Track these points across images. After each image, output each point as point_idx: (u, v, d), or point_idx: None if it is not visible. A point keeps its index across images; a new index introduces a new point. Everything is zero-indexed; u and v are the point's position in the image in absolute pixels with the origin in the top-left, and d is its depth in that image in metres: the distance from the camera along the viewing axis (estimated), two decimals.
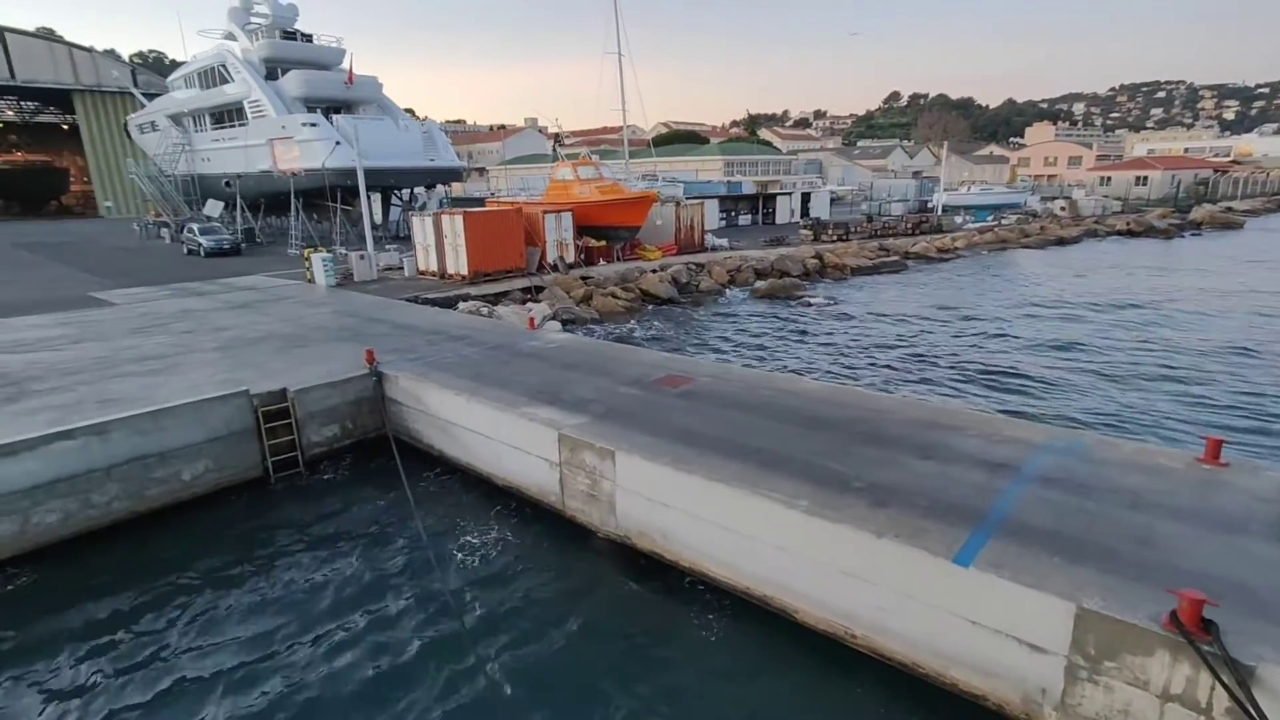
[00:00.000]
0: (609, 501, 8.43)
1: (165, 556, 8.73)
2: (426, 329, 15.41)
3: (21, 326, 16.40)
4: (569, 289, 22.76)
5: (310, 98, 38.19)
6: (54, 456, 8.75)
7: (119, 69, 69.47)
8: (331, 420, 11.38)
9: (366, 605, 7.65)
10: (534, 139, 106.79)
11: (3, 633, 7.26)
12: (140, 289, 22.81)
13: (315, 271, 22.51)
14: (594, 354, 13.08)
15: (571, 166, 29.23)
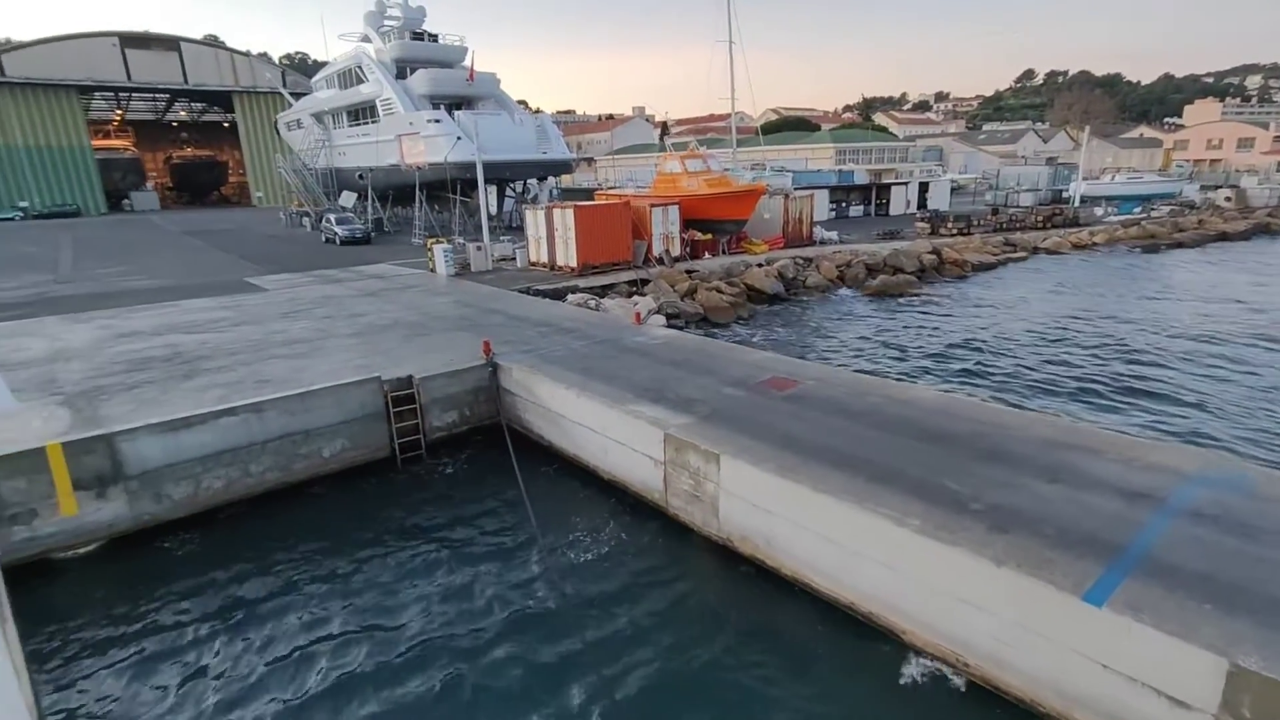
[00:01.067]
0: (712, 503, 8.51)
1: (309, 523, 9.72)
2: (537, 321, 16.04)
3: (193, 309, 18.56)
4: (674, 283, 22.88)
5: (435, 95, 40.35)
6: (221, 430, 9.92)
7: (271, 71, 76.27)
8: (451, 407, 12.14)
9: (477, 578, 8.18)
10: (641, 128, 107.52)
11: (182, 583, 8.36)
12: (286, 275, 25.13)
13: (436, 261, 23.91)
14: (698, 352, 13.14)
15: (679, 159, 29.24)
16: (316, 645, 7.18)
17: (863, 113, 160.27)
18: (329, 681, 6.64)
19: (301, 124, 53.24)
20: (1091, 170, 55.66)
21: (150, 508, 9.50)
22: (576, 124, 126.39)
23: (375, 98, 41.56)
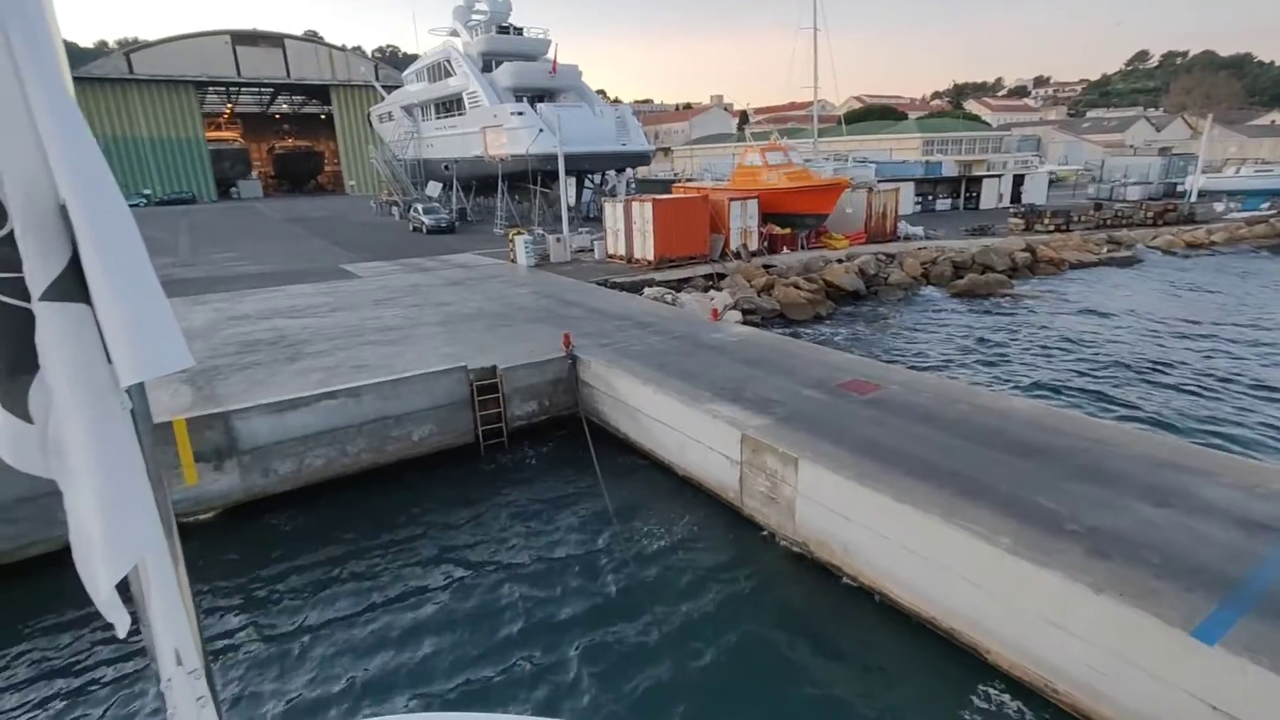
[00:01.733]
0: (788, 507, 8.47)
1: (399, 502, 10.29)
2: (615, 314, 16.26)
3: (296, 294, 19.82)
4: (750, 278, 22.66)
5: (518, 88, 41.24)
6: (323, 412, 10.61)
7: (365, 65, 79.87)
8: (531, 397, 12.52)
9: (555, 561, 8.48)
10: (720, 118, 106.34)
11: (290, 548, 9.04)
12: (378, 263, 26.42)
13: (517, 252, 24.57)
14: (776, 350, 13.02)
15: (760, 152, 28.83)
16: (409, 612, 7.64)
17: (953, 100, 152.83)
18: (419, 649, 7.06)
19: (392, 116, 55.56)
20: (1212, 161, 51.14)
21: (259, 481, 10.28)
22: (654, 114, 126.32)
23: (462, 91, 42.87)
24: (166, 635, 1.29)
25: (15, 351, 1.09)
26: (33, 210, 1.03)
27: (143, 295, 1.09)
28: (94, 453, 1.10)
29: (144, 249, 1.10)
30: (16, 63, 0.99)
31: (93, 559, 1.13)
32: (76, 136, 1.03)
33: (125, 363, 1.08)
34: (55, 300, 1.06)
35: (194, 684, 1.32)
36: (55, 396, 1.10)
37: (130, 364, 1.08)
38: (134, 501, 1.14)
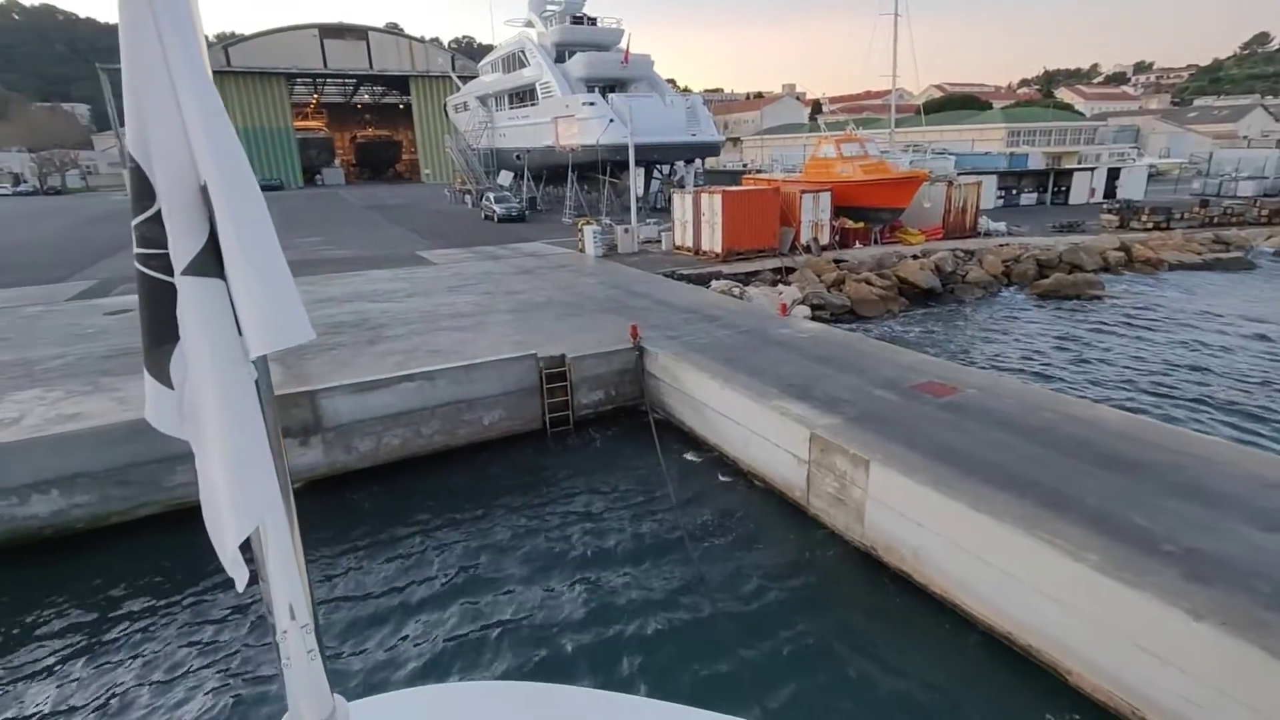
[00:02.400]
0: (857, 509, 8.31)
1: (470, 483, 10.64)
2: (682, 307, 16.24)
3: (376, 279, 20.67)
4: (820, 272, 22.20)
5: (590, 78, 41.53)
6: (400, 394, 11.06)
7: (443, 56, 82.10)
8: (598, 387, 12.68)
9: (619, 547, 8.60)
10: (791, 108, 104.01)
11: (371, 520, 9.50)
12: (451, 250, 27.21)
13: (586, 242, 24.82)
14: (847, 348, 12.73)
15: (835, 143, 28.08)
16: (478, 588, 7.93)
17: (1042, 88, 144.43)
18: (486, 622, 7.32)
19: (467, 106, 56.92)
20: None
21: (341, 457, 10.82)
22: (723, 103, 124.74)
23: (535, 81, 43.48)
24: (282, 591, 1.38)
25: (160, 322, 1.17)
26: (177, 191, 1.11)
27: (272, 272, 1.15)
28: (224, 419, 1.17)
29: (273, 229, 1.17)
30: (167, 54, 1.07)
31: (221, 518, 1.20)
32: (217, 122, 1.10)
33: (254, 335, 1.15)
34: (194, 275, 1.13)
35: (305, 637, 1.41)
36: (191, 365, 1.18)
37: (259, 337, 1.15)
38: (258, 466, 1.21)
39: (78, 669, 7.01)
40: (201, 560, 8.62)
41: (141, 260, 1.16)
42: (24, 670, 7.01)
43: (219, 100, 1.11)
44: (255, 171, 1.17)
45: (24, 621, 7.74)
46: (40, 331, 15.38)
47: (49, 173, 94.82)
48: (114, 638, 7.47)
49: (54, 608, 7.95)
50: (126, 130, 1.12)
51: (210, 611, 7.84)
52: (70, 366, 12.52)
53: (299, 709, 1.42)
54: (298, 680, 1.42)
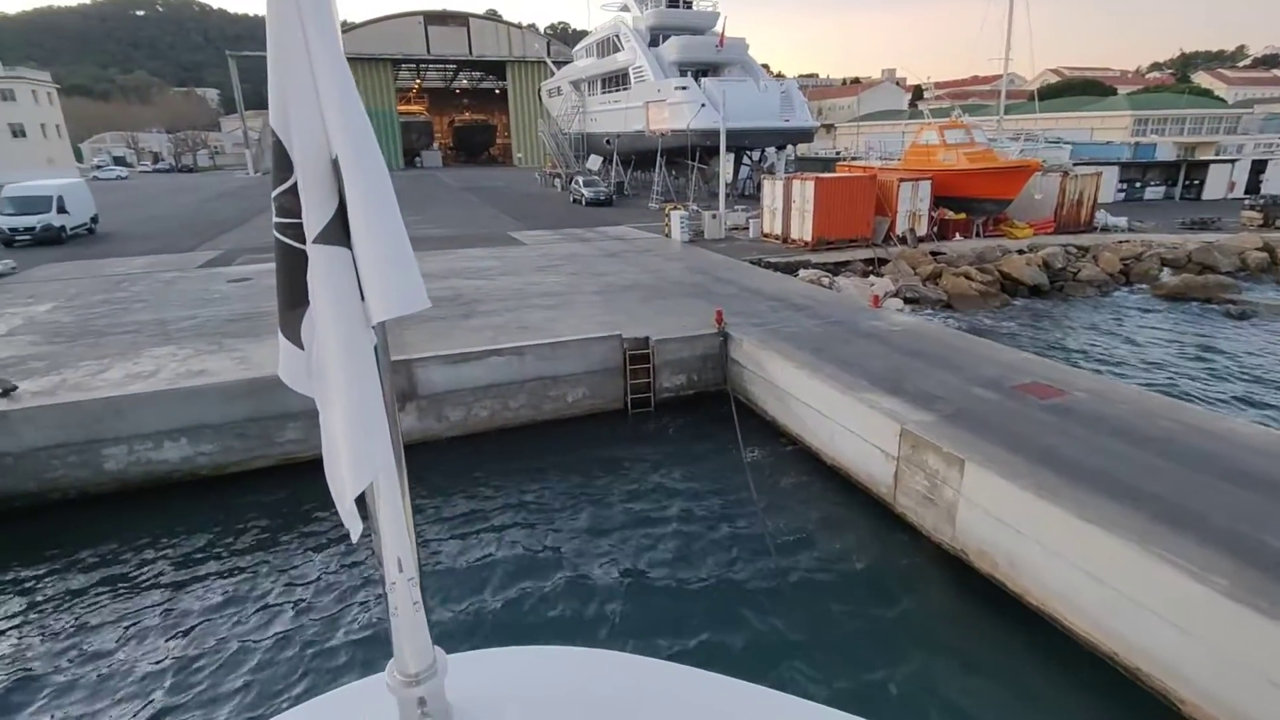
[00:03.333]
0: (948, 510, 7.96)
1: (553, 457, 10.92)
2: (769, 294, 15.96)
3: (470, 257, 21.42)
4: (915, 264, 21.25)
5: (683, 62, 41.16)
6: (490, 367, 11.45)
7: (539, 42, 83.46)
8: (680, 370, 12.68)
9: (694, 534, 8.60)
10: (890, 94, 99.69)
11: (461, 482, 9.92)
12: (541, 231, 27.81)
13: (673, 227, 24.76)
14: (943, 343, 12.16)
15: (938, 129, 26.69)
16: (558, 556, 8.15)
17: (1178, 72, 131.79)
18: (560, 588, 7.52)
19: (560, 91, 57.72)
20: None
21: (433, 425, 11.33)
22: (818, 88, 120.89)
23: (628, 65, 43.53)
24: (391, 544, 1.42)
25: (293, 286, 1.24)
26: (311, 164, 1.16)
27: (394, 243, 1.19)
28: (345, 380, 1.22)
29: (396, 202, 1.20)
30: (307, 35, 1.12)
31: (340, 473, 1.25)
32: (349, 100, 1.15)
33: (376, 302, 1.19)
34: (324, 243, 1.18)
35: (412, 590, 1.46)
36: (318, 328, 1.23)
37: (380, 303, 1.19)
38: (375, 425, 1.24)
39: (199, 594, 7.71)
40: (308, 512, 9.28)
41: (279, 229, 1.22)
42: (151, 591, 7.79)
43: (351, 79, 1.16)
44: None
45: (157, 553, 8.58)
46: (173, 295, 16.87)
47: (183, 152, 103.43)
48: (228, 572, 8.16)
49: (182, 544, 8.77)
50: (270, 107, 1.19)
51: (313, 557, 8.42)
52: (198, 327, 13.68)
53: (404, 656, 1.48)
54: (404, 629, 1.46)
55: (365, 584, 7.89)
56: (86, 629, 7.26)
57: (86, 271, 20.49)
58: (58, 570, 8.25)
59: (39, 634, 7.21)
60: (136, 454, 9.79)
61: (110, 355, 11.90)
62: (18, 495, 9.33)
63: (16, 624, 7.37)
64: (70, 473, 9.55)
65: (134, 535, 8.87)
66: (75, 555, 8.49)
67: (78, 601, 7.70)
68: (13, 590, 7.92)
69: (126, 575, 8.16)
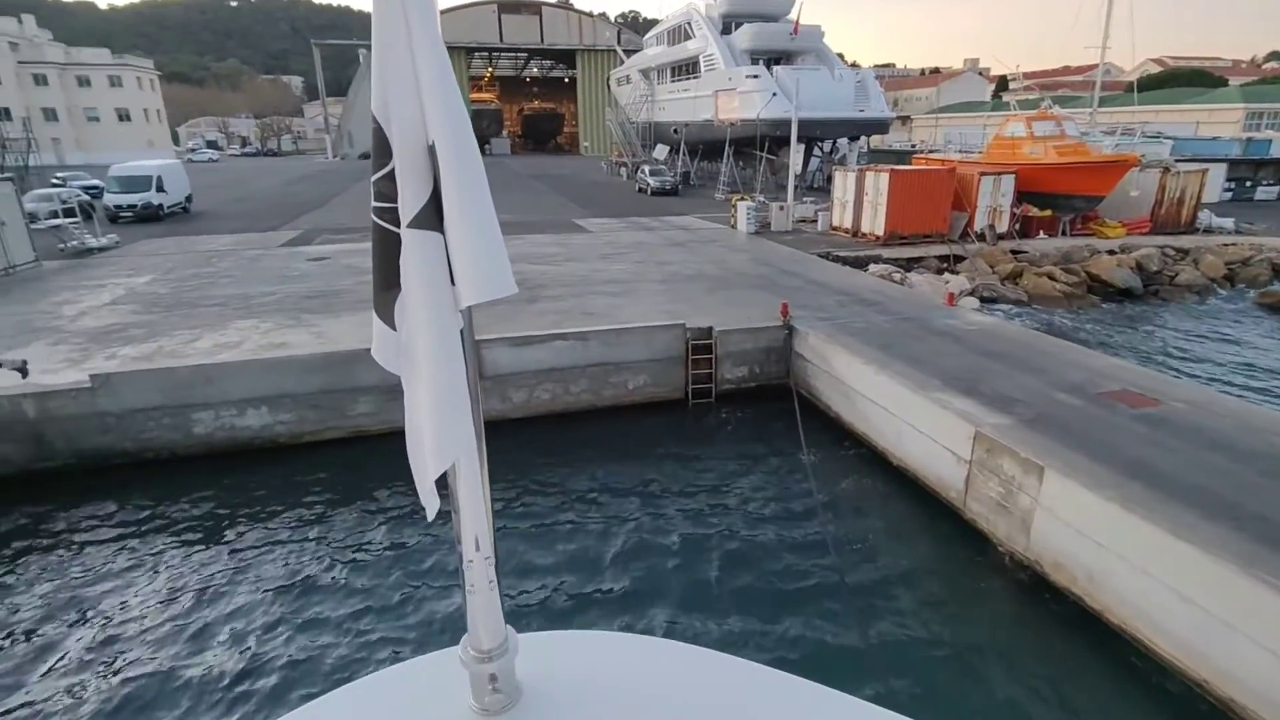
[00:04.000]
0: (1023, 519, 7.57)
1: (612, 443, 10.98)
2: (837, 288, 15.55)
3: (536, 243, 21.72)
4: (994, 263, 20.31)
5: (756, 50, 40.43)
6: (554, 351, 11.56)
7: (609, 30, 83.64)
8: (743, 362, 12.51)
9: (753, 529, 8.47)
10: (973, 84, 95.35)
11: (521, 459, 10.10)
12: (606, 219, 27.93)
13: (739, 218, 24.42)
14: (1023, 345, 11.57)
15: (1025, 121, 25.33)
16: (617, 542, 8.19)
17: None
18: (618, 575, 7.54)
19: (629, 79, 57.69)
20: None
21: (496, 405, 11.53)
22: (894, 79, 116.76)
23: (699, 54, 43.09)
24: (470, 523, 1.44)
25: (388, 269, 1.26)
26: (409, 150, 1.18)
27: (485, 229, 1.20)
28: (433, 361, 1.23)
29: (488, 189, 1.21)
30: (409, 21, 1.13)
31: (423, 452, 1.26)
32: (447, 87, 1.16)
33: (466, 286, 1.20)
34: (418, 228, 1.20)
35: (488, 568, 1.48)
36: (409, 310, 1.25)
37: (469, 288, 1.20)
38: (459, 407, 1.26)
39: (277, 552, 8.11)
40: (379, 484, 9.60)
41: (376, 213, 1.25)
42: (229, 545, 8.23)
43: (450, 68, 1.16)
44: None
45: (236, 514, 9.06)
46: (257, 272, 17.75)
47: (268, 137, 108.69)
48: (301, 538, 8.55)
49: (260, 507, 9.24)
50: (372, 94, 1.20)
51: (385, 528, 8.73)
52: (279, 302, 14.35)
53: (478, 633, 1.50)
54: (478, 606, 1.48)
55: (435, 558, 8.11)
56: (175, 577, 7.75)
57: (180, 247, 21.80)
58: (151, 522, 8.82)
59: (127, 581, 7.73)
60: (222, 419, 10.36)
61: (200, 326, 12.62)
62: (117, 453, 10.02)
63: (112, 570, 7.92)
64: (163, 434, 10.18)
65: (218, 496, 9.40)
66: (166, 512, 9.06)
67: (168, 551, 8.22)
68: (110, 539, 8.52)
69: (211, 532, 8.66)
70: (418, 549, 8.30)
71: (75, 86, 73.32)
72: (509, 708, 1.54)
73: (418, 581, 7.70)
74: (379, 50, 1.16)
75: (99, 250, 21.00)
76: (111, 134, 74.02)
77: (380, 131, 1.20)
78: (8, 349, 11.38)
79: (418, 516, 8.61)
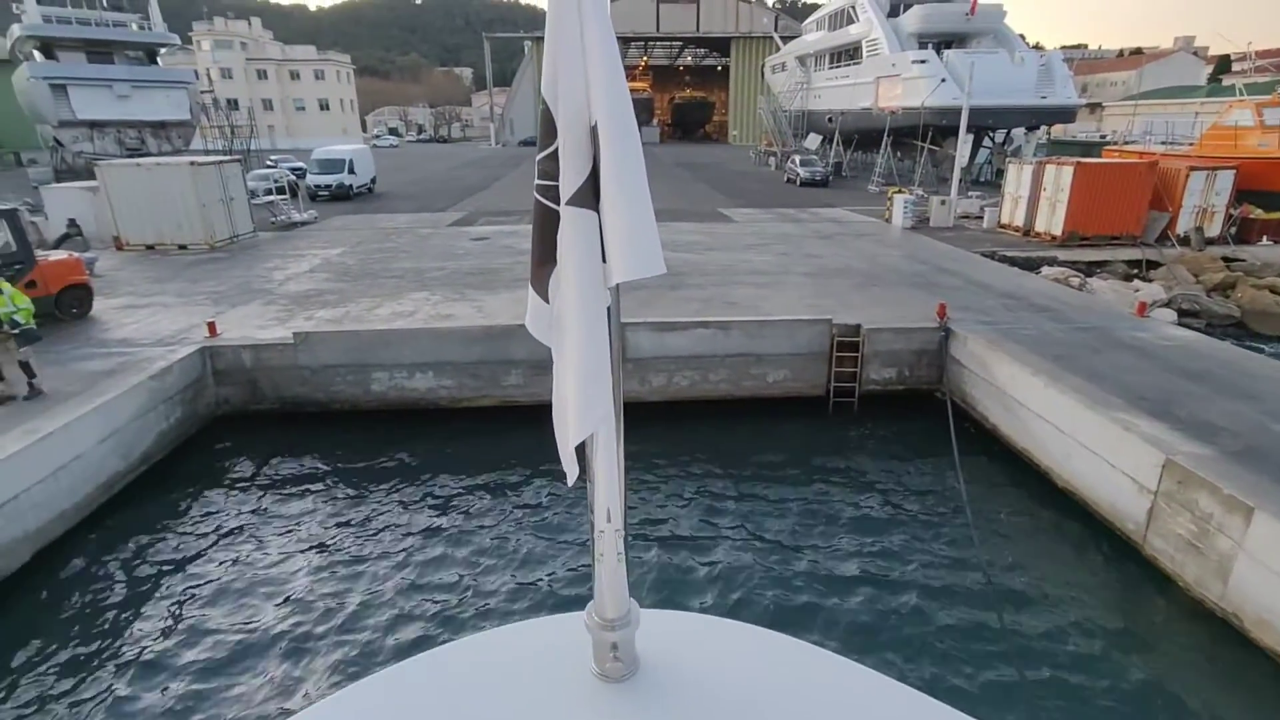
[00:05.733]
0: (1220, 562, 6.65)
1: (749, 438, 10.92)
2: (1002, 290, 14.34)
3: (679, 230, 21.91)
4: (1198, 271, 17.74)
5: (925, 33, 37.86)
6: (695, 338, 11.65)
7: (767, 16, 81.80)
8: (891, 363, 11.91)
9: (896, 549, 8.10)
10: (1185, 66, 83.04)
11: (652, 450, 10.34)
12: (751, 210, 27.55)
13: (895, 211, 23.13)
14: (1233, 366, 10.08)
15: (1254, 107, 21.77)
16: (746, 538, 8.18)
17: None
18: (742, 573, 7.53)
19: (785, 67, 56.23)
20: None
21: (636, 388, 11.83)
22: (1087, 62, 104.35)
23: (862, 38, 41.10)
24: (603, 494, 1.48)
25: (545, 244, 1.31)
26: (573, 130, 1.22)
27: (639, 209, 1.22)
28: (580, 335, 1.27)
29: (644, 169, 1.23)
30: (581, 6, 1.17)
31: (566, 421, 1.31)
32: (613, 70, 1.19)
33: (617, 264, 1.23)
34: (576, 206, 1.23)
35: (618, 540, 1.51)
36: (563, 284, 1.30)
37: (620, 266, 1.23)
38: (602, 381, 1.29)
39: (435, 495, 8.93)
40: (526, 450, 10.23)
41: (539, 190, 1.30)
42: (394, 497, 9.16)
43: (618, 52, 1.20)
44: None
45: (401, 465, 10.06)
46: (427, 249, 19.38)
47: (440, 125, 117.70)
48: (456, 493, 9.33)
49: (423, 461, 10.18)
50: (543, 76, 1.26)
51: (527, 491, 9.32)
52: (447, 278, 15.60)
53: (603, 602, 1.52)
54: (605, 576, 1.51)
55: (568, 526, 8.55)
56: (351, 506, 8.78)
57: (366, 224, 24.29)
58: (333, 464, 10.02)
59: (314, 516, 8.85)
60: (395, 380, 11.49)
61: (381, 295, 14.03)
62: (310, 401, 11.44)
63: (304, 507, 9.11)
64: (347, 390, 11.48)
65: (387, 448, 10.48)
66: (349, 456, 10.25)
67: (347, 487, 9.33)
68: (305, 473, 9.78)
69: (379, 480, 9.68)
70: (554, 516, 8.77)
71: (288, 80, 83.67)
72: (626, 678, 1.57)
73: (553, 545, 8.15)
74: (552, 33, 1.21)
75: (302, 224, 23.92)
76: (313, 122, 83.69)
77: (547, 112, 1.24)
78: (232, 307, 13.34)
79: (559, 485, 9.10)
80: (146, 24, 47.15)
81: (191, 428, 10.69)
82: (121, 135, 42.50)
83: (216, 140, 47.33)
